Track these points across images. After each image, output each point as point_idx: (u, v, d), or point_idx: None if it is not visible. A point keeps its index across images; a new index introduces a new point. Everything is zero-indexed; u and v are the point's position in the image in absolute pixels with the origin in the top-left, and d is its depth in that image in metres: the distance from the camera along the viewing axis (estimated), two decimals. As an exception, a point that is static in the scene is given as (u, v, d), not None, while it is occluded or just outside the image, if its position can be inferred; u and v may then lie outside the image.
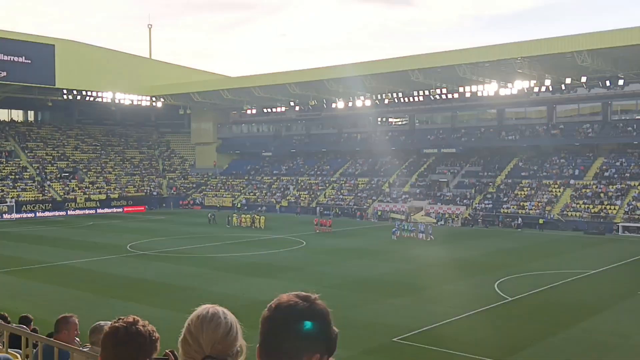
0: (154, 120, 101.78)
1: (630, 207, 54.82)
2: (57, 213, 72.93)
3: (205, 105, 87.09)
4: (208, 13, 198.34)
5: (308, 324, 2.05)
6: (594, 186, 59.83)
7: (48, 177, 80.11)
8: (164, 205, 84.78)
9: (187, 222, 64.25)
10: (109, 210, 77.59)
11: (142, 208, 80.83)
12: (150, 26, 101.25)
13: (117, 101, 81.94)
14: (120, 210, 78.75)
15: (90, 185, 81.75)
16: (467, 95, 66.20)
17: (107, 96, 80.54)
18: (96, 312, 22.76)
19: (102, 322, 5.07)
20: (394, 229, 50.77)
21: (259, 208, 74.66)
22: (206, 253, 41.08)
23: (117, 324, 2.55)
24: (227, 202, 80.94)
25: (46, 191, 77.07)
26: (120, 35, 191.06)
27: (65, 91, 78.39)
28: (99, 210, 76.86)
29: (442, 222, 61.54)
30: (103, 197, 79.94)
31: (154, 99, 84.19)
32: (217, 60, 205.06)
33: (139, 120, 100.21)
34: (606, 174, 61.13)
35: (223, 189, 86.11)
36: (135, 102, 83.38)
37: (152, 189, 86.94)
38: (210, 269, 34.36)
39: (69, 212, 73.82)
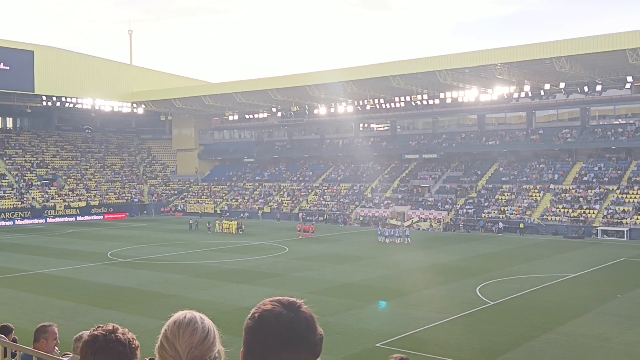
0: (134, 127, 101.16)
1: (609, 211, 55.51)
2: (36, 221, 72.06)
3: (186, 111, 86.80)
4: (189, 18, 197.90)
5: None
6: (573, 190, 60.50)
7: (27, 185, 79.16)
8: (145, 212, 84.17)
9: (168, 229, 63.85)
10: (89, 218, 76.86)
11: (123, 215, 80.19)
12: (130, 32, 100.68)
13: (97, 107, 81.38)
14: (100, 217, 78.04)
15: (70, 193, 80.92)
16: (448, 101, 66.76)
17: (87, 102, 79.95)
18: (76, 320, 22.53)
19: (86, 332, 5.04)
20: (379, 234, 51.89)
21: (241, 214, 74.45)
22: (187, 260, 40.84)
23: (96, 332, 2.53)
24: (209, 208, 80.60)
25: (25, 199, 76.15)
26: (100, 42, 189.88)
27: (44, 97, 77.70)
28: (79, 218, 76.09)
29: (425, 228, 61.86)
30: (83, 204, 79.17)
31: (134, 105, 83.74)
32: (199, 66, 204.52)
33: (119, 127, 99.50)
34: (585, 178, 61.87)
35: (205, 195, 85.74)
36: (115, 109, 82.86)
37: (133, 195, 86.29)
38: (191, 276, 34.16)
39: (49, 220, 72.98)
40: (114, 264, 39.22)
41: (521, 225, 57.11)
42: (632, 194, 56.93)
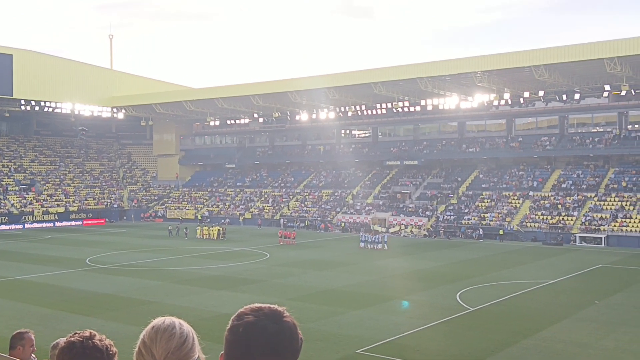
0: (114, 132, 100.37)
1: (587, 218, 56.18)
2: (13, 226, 71.11)
3: (167, 116, 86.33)
4: (170, 23, 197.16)
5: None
6: (552, 197, 61.16)
7: (4, 190, 78.07)
8: (124, 217, 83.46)
9: (148, 235, 63.36)
10: (68, 224, 76.03)
11: (102, 221, 79.45)
12: (111, 36, 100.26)
13: (76, 112, 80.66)
14: (79, 223, 77.23)
15: (48, 198, 79.98)
16: (429, 108, 67.22)
17: (66, 107, 79.22)
18: (54, 327, 22.24)
19: (63, 338, 4.98)
20: (362, 240, 52.18)
21: (222, 220, 74.15)
22: (168, 266, 40.54)
23: (73, 339, 2.50)
24: (190, 214, 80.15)
25: (2, 204, 75.09)
26: (80, 46, 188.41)
27: (23, 102, 76.81)
28: (58, 224, 75.24)
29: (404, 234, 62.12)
30: (62, 209, 78.28)
31: (114, 110, 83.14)
32: (180, 72, 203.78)
33: (99, 132, 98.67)
34: (563, 185, 62.58)
35: (185, 201, 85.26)
36: (95, 113, 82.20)
37: (112, 201, 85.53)
38: (172, 282, 33.92)
39: (26, 226, 72.07)
40: (93, 270, 38.80)
41: (501, 232, 57.57)
42: (610, 201, 57.69)
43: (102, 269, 39.26)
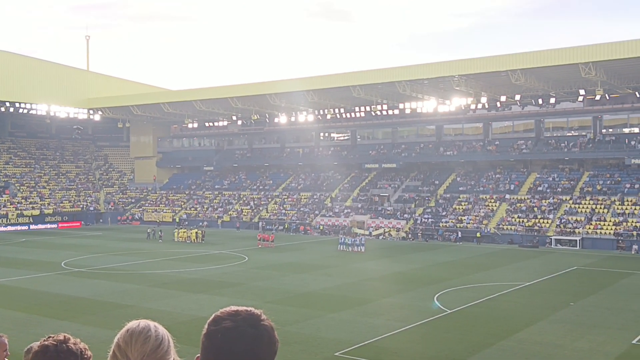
0: (91, 134, 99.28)
1: (562, 220, 56.92)
2: (-14, 229, 69.98)
3: (145, 118, 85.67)
4: (148, 24, 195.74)
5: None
6: (528, 200, 61.86)
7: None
8: (101, 220, 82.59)
9: (125, 238, 62.77)
10: (43, 227, 74.99)
11: (78, 224, 78.53)
12: (87, 37, 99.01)
13: (52, 114, 79.67)
14: (54, 226, 76.22)
15: (23, 201, 78.81)
16: (407, 111, 67.67)
17: (41, 108, 78.20)
18: (29, 332, 21.92)
19: (37, 343, 4.93)
20: (340, 242, 52.34)
21: (200, 223, 73.74)
22: (145, 269, 40.20)
23: (46, 342, 2.47)
24: (168, 217, 79.57)
25: (-25, 206, 73.86)
26: (56, 47, 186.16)
27: (-3, 103, 75.64)
28: (32, 227, 74.17)
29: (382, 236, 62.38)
30: (37, 212, 77.20)
31: (91, 111, 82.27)
32: (158, 74, 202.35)
33: (75, 133, 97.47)
34: (539, 188, 63.35)
35: (163, 204, 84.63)
36: (71, 115, 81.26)
37: (88, 204, 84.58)
38: (148, 286, 33.64)
39: (0, 229, 70.89)
40: (69, 274, 38.32)
41: (478, 235, 58.07)
42: (584, 204, 58.52)
43: (78, 273, 38.79)
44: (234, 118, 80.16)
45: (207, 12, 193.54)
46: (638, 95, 60.69)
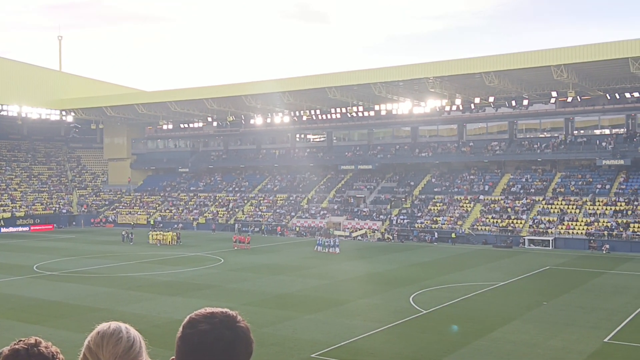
0: (63, 135, 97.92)
1: (535, 221, 57.66)
2: (-44, 232, 68.61)
3: (118, 119, 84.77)
4: (122, 25, 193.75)
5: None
6: (502, 201, 62.55)
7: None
8: (74, 223, 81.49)
9: (98, 240, 62.03)
10: (14, 229, 73.71)
11: (50, 226, 77.38)
12: (60, 38, 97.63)
13: (24, 115, 78.40)
14: (26, 229, 74.98)
15: (-7, 203, 77.45)
16: (383, 113, 68.02)
17: (12, 109, 76.88)
18: (0, 336, 21.52)
19: (7, 347, 4.83)
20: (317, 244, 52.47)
21: (175, 225, 73.16)
22: (119, 272, 39.76)
23: (17, 346, 2.42)
24: (142, 219, 78.82)
25: (-56, 209, 72.36)
26: (28, 47, 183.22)
27: (-34, 104, 74.23)
28: (3, 230, 72.88)
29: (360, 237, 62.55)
30: (8, 215, 75.88)
31: (64, 112, 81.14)
32: (133, 75, 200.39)
33: (47, 135, 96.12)
34: (513, 189, 64.10)
35: (137, 206, 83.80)
36: (43, 116, 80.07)
37: (61, 206, 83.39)
38: (123, 289, 33.27)
39: (-30, 232, 69.61)
40: (41, 277, 37.73)
41: (453, 235, 58.53)
42: (557, 204, 59.36)
43: (50, 276, 38.22)
44: (210, 119, 79.74)
45: (183, 13, 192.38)
46: (609, 97, 61.79)
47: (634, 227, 53.01)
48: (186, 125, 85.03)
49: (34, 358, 2.37)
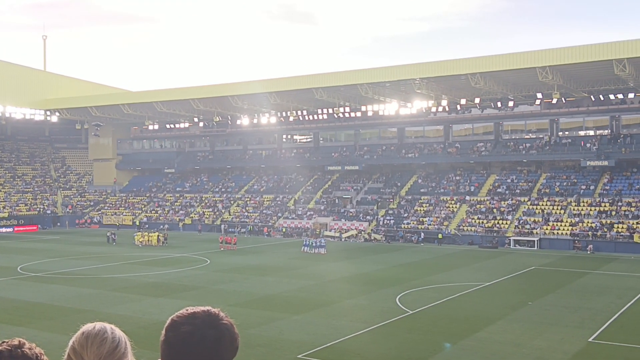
0: (48, 135, 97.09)
1: (521, 221, 58.04)
2: (-62, 234, 67.78)
3: (104, 120, 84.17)
4: (107, 26, 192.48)
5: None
6: (488, 202, 62.90)
7: None
8: (58, 224, 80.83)
9: (83, 241, 61.58)
10: (-2, 230, 73.02)
11: (35, 227, 76.68)
12: (45, 37, 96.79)
13: (7, 115, 77.61)
14: (10, 230, 74.23)
15: (-24, 204, 76.62)
16: (369, 114, 68.09)
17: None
18: (-18, 339, 21.29)
19: None
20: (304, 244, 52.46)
21: (161, 226, 72.79)
22: (105, 273, 39.49)
23: (0, 347, 2.40)
24: (127, 220, 78.34)
25: None
26: (11, 46, 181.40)
27: (-51, 103, 73.37)
28: (-13, 230, 72.16)
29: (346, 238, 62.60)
30: (-9, 216, 75.14)
31: (48, 112, 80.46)
32: (118, 75, 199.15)
33: (31, 135, 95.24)
34: (499, 190, 64.48)
35: (123, 207, 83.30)
36: (27, 116, 79.32)
37: (45, 207, 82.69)
38: (108, 290, 33.05)
39: (-48, 233, 68.83)
40: (25, 279, 37.38)
41: (439, 236, 58.76)
42: (542, 205, 59.80)
43: (35, 277, 37.88)
44: (196, 120, 79.44)
45: (169, 13, 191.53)
46: (593, 99, 62.37)
47: (618, 227, 53.53)
48: (172, 126, 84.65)
49: (18, 359, 2.35)
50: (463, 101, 61.66)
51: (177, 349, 1.97)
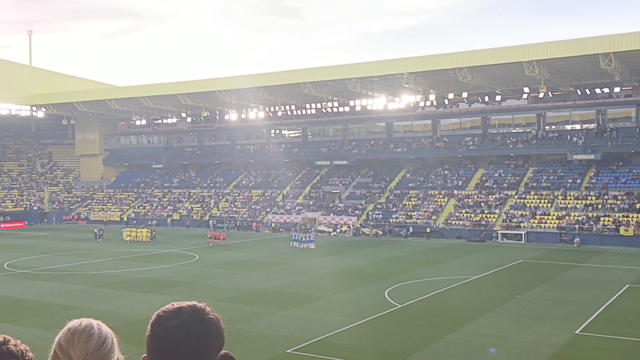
0: (34, 131, 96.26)
1: (508, 215, 58.39)
2: None
3: (91, 115, 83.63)
4: (94, 21, 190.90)
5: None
6: (475, 196, 63.19)
7: None
8: (45, 220, 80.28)
9: (71, 238, 61.22)
10: (-16, 227, 72.39)
11: (21, 224, 76.10)
12: (30, 32, 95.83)
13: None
14: (-4, 226, 73.67)
15: (-39, 200, 75.92)
16: (358, 108, 68.10)
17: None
18: (-31, 337, 21.14)
19: None
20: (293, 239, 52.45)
21: (150, 222, 72.47)
22: (92, 270, 39.30)
23: None
24: (115, 216, 77.96)
25: None
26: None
27: None
28: (-28, 227, 71.52)
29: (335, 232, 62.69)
30: (-23, 212, 74.48)
31: (34, 108, 79.78)
32: (105, 70, 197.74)
33: (17, 131, 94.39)
34: (486, 184, 64.79)
35: (110, 202, 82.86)
36: (13, 112, 78.62)
37: (32, 203, 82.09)
38: (96, 286, 32.91)
39: (-63, 230, 68.16)
40: (12, 275, 37.12)
41: (428, 230, 58.98)
42: (529, 198, 60.17)
43: (22, 274, 37.63)
44: (184, 115, 79.10)
45: (155, 8, 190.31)
46: (579, 93, 62.75)
47: (604, 220, 54.00)
48: (160, 121, 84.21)
49: (3, 356, 2.34)
50: (451, 96, 61.84)
51: (163, 344, 1.97)
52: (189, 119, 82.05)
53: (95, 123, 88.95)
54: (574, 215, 55.79)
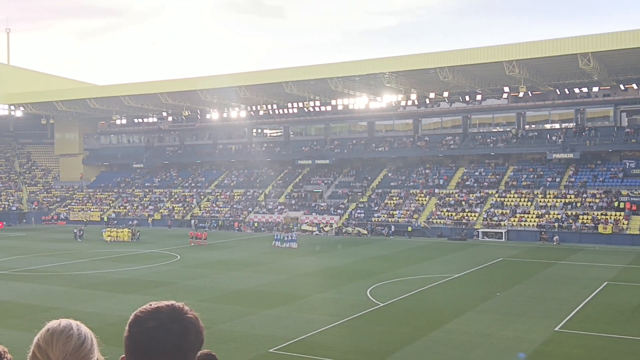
0: (12, 130, 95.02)
1: (489, 214, 58.85)
2: None
3: (70, 114, 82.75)
4: (73, 19, 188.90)
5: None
6: (456, 195, 63.59)
7: None
8: (24, 221, 79.32)
9: (50, 238, 60.55)
10: (-39, 228, 71.33)
11: (0, 224, 75.10)
12: (8, 30, 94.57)
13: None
14: (-27, 227, 72.64)
15: (-62, 201, 74.75)
16: (340, 107, 68.19)
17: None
18: (-54, 339, 20.81)
19: None
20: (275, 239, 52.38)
21: (130, 222, 71.93)
22: (72, 270, 38.90)
23: None
24: (95, 216, 77.25)
25: None
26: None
27: None
28: (-51, 228, 70.44)
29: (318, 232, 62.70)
30: (-47, 213, 73.36)
31: (12, 107, 78.75)
32: (84, 69, 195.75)
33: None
34: (467, 183, 65.23)
35: (90, 202, 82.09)
36: (-10, 111, 77.60)
37: (10, 203, 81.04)
38: (76, 287, 32.58)
39: None
40: (-11, 277, 36.60)
41: (409, 229, 59.23)
42: (509, 197, 60.69)
43: (0, 275, 37.10)
44: (164, 114, 78.58)
45: (135, 7, 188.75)
46: (559, 92, 63.41)
47: (583, 218, 54.63)
48: (140, 120, 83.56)
49: None
50: (432, 95, 62.16)
51: (141, 345, 1.95)
52: (170, 118, 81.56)
53: (75, 122, 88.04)
54: (554, 214, 56.38)
